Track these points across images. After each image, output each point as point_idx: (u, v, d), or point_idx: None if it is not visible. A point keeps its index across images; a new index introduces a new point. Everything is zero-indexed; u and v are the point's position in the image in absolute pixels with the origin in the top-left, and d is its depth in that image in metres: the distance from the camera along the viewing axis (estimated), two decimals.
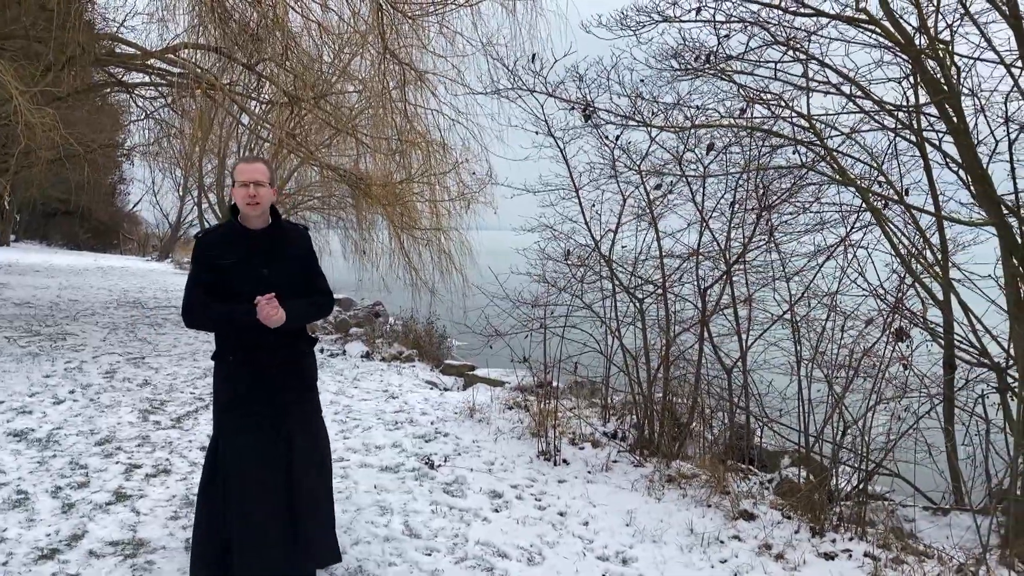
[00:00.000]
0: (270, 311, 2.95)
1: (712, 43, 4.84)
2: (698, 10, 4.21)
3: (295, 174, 16.94)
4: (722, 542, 4.01)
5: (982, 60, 3.94)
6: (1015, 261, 3.80)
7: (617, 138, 5.61)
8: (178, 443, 5.27)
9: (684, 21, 4.37)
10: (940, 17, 4.13)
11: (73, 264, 24.10)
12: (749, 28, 4.36)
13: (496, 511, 4.33)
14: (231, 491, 3.08)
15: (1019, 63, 3.53)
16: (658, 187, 5.47)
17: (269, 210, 3.17)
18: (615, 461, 5.31)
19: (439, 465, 5.09)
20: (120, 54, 11.59)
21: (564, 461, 5.30)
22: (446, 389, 8.12)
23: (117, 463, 4.78)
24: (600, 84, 5.02)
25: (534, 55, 5.08)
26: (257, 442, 3.08)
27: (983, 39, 3.79)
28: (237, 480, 3.08)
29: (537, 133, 5.87)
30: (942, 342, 4.69)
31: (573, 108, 5.05)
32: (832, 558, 3.86)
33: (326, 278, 3.39)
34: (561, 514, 4.34)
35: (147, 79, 12.38)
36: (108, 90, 14.50)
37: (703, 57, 4.41)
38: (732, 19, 4.30)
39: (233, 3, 9.95)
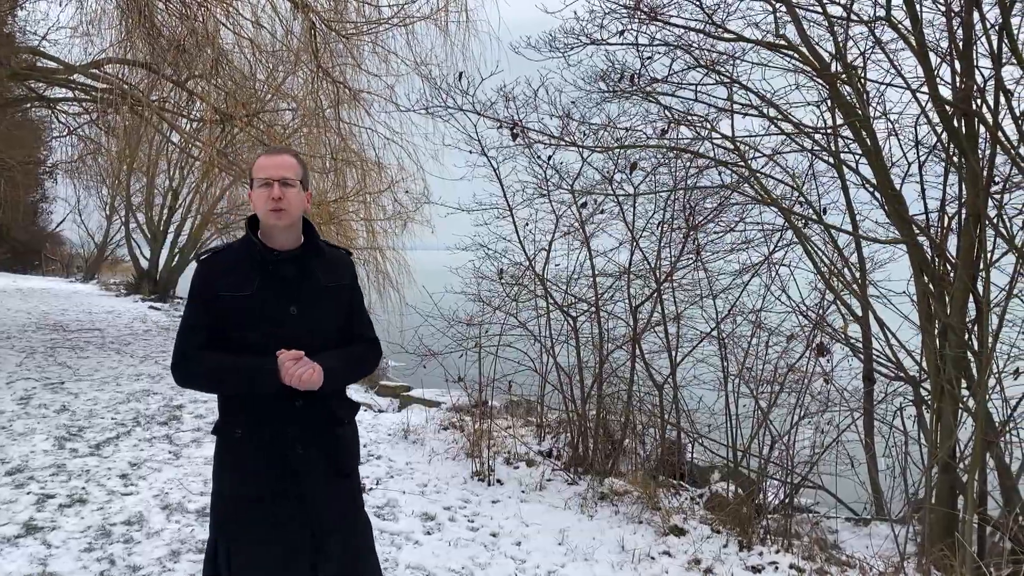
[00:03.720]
0: (300, 371, 2.08)
1: (644, 65, 4.96)
2: (621, 32, 4.30)
3: (227, 193, 16.61)
4: (652, 558, 4.03)
5: (892, 86, 4.13)
6: (925, 278, 3.97)
7: (549, 158, 5.67)
8: (96, 471, 5.05)
9: (610, 44, 4.46)
10: (853, 44, 4.32)
11: None
12: (673, 51, 4.48)
13: (428, 534, 4.27)
14: None
15: (924, 89, 3.71)
16: (583, 205, 5.54)
17: (301, 223, 2.27)
18: (549, 480, 5.30)
19: (371, 489, 5.00)
20: (42, 68, 11.22)
21: (498, 481, 5.27)
22: (380, 410, 8.00)
23: (28, 493, 4.54)
24: (529, 104, 5.07)
25: (460, 74, 5.11)
26: (276, 554, 2.20)
27: (892, 67, 3.97)
28: None
29: (471, 152, 5.89)
30: (862, 357, 4.85)
31: (501, 127, 5.09)
32: (759, 571, 3.93)
33: (371, 321, 2.51)
34: (494, 535, 4.31)
35: (70, 94, 12.01)
36: (28, 105, 13.99)
37: (627, 79, 4.50)
38: (655, 42, 4.41)
39: (163, 19, 9.75)
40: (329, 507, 2.26)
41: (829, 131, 4.69)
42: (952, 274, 3.86)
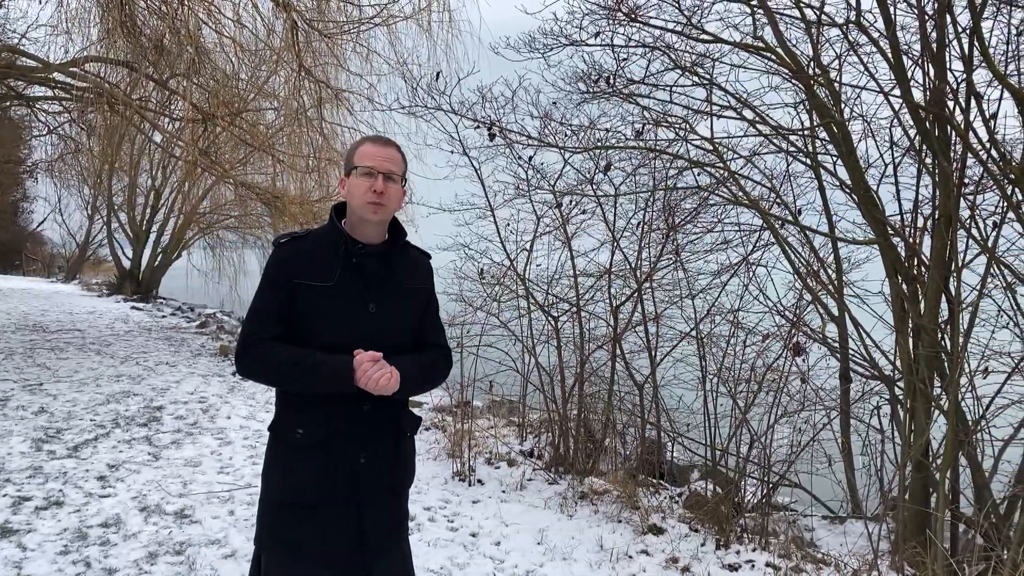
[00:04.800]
0: (378, 374, 1.94)
1: (621, 66, 4.98)
2: (597, 34, 4.32)
3: (210, 193, 16.52)
4: (630, 557, 4.06)
5: (866, 89, 4.18)
6: (899, 278, 4.01)
7: (530, 159, 5.68)
8: (73, 473, 5.02)
9: (587, 45, 4.48)
10: (829, 46, 4.36)
11: None
12: (650, 53, 4.50)
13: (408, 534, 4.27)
14: None
15: (895, 91, 3.76)
16: (558, 206, 5.58)
17: (389, 221, 2.14)
18: (530, 479, 5.32)
19: None
20: (21, 66, 11.11)
21: (479, 481, 5.27)
22: None
23: (4, 496, 4.51)
24: (506, 104, 5.09)
25: (438, 73, 5.12)
26: (326, 564, 2.04)
27: (865, 70, 4.02)
28: None
29: (452, 152, 5.89)
30: (838, 356, 4.90)
31: (479, 127, 5.10)
32: (736, 569, 3.96)
33: (444, 329, 2.37)
34: (473, 535, 4.32)
35: (50, 93, 11.90)
36: (7, 103, 13.85)
37: (603, 80, 4.52)
38: (632, 43, 4.44)
39: (144, 18, 9.68)
40: (386, 527, 2.11)
41: (807, 133, 4.74)
42: (925, 275, 3.90)
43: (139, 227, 21.15)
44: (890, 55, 3.73)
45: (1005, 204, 3.54)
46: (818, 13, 3.88)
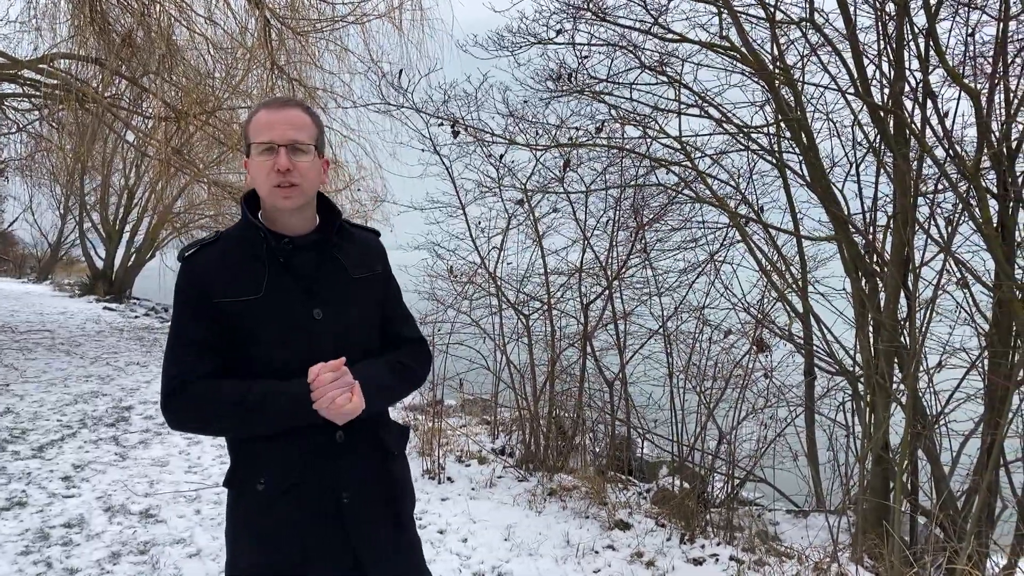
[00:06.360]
0: (334, 394, 1.56)
1: (591, 65, 5.03)
2: (559, 32, 4.35)
3: (184, 192, 16.38)
4: (596, 552, 4.08)
5: (828, 88, 4.24)
6: (859, 275, 4.08)
7: (501, 157, 5.70)
8: (37, 473, 4.96)
9: (552, 43, 4.51)
10: (792, 46, 4.42)
11: None
12: (614, 50, 4.54)
13: None
14: None
15: (850, 90, 3.82)
16: (520, 202, 5.60)
17: (316, 200, 1.74)
18: (500, 477, 5.33)
19: None
20: None
21: (449, 479, 5.28)
22: None
23: None
24: (471, 101, 5.10)
25: (401, 71, 5.13)
26: None
27: (824, 70, 4.08)
28: None
29: (423, 151, 5.90)
30: (803, 352, 4.96)
31: (442, 123, 5.11)
32: (700, 563, 4.00)
33: (413, 316, 1.96)
34: (441, 532, 4.33)
35: (20, 90, 11.74)
36: None
37: (565, 77, 4.56)
38: (595, 41, 4.47)
39: (116, 15, 9.59)
40: (391, 571, 1.73)
41: (772, 131, 4.80)
42: (885, 272, 3.97)
43: (112, 227, 20.89)
44: (850, 54, 3.79)
45: (959, 202, 3.60)
46: (772, 11, 3.93)
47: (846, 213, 4.22)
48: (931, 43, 3.50)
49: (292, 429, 1.61)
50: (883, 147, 3.94)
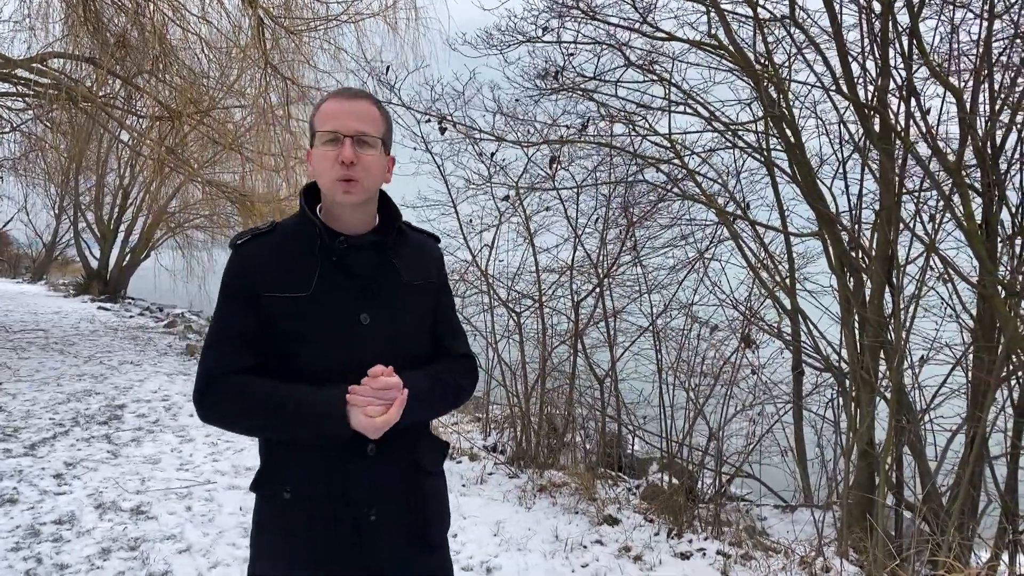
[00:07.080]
0: (374, 415, 1.50)
1: (579, 63, 5.06)
2: (546, 30, 4.38)
3: (179, 191, 16.37)
4: (585, 547, 4.11)
5: (814, 86, 4.27)
6: (845, 271, 4.11)
7: (492, 154, 5.72)
8: (29, 471, 4.97)
9: (539, 41, 4.54)
10: (779, 44, 4.45)
11: None
12: (601, 49, 4.57)
13: None
14: None
15: (843, 88, 3.85)
16: (506, 198, 5.62)
17: (378, 198, 1.66)
18: (491, 474, 5.36)
19: None
20: None
21: None
22: None
23: None
24: (458, 98, 5.13)
25: (388, 67, 5.15)
26: None
27: (809, 68, 4.11)
28: None
29: (415, 149, 5.92)
30: (791, 349, 5.00)
31: (429, 120, 5.13)
32: (687, 557, 4.03)
33: (464, 331, 1.87)
34: None
35: (13, 89, 11.74)
36: None
37: (551, 75, 4.59)
38: (581, 39, 4.51)
39: (110, 15, 9.59)
40: None
41: (760, 129, 4.83)
42: (870, 268, 4.00)
43: (107, 227, 20.85)
44: (835, 53, 3.82)
45: (941, 199, 3.64)
46: (755, 6, 3.96)
47: (832, 210, 4.26)
48: (914, 41, 3.53)
49: (322, 437, 1.54)
50: (868, 145, 3.97)
